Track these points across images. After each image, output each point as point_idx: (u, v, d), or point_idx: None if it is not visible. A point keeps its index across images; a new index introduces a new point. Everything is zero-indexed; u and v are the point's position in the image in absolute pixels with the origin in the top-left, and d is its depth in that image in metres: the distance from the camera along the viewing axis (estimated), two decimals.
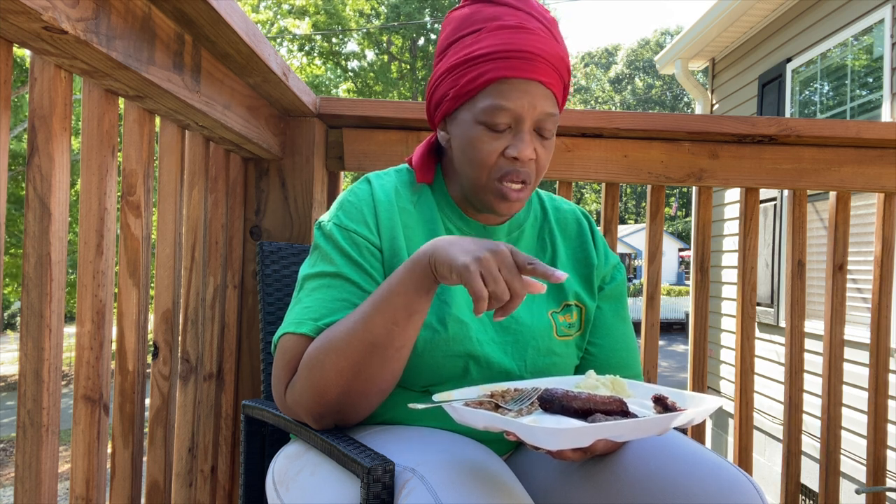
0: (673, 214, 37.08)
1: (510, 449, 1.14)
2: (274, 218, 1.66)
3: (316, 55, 19.51)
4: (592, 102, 45.17)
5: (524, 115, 1.02)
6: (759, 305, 5.61)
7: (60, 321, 0.98)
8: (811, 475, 4.57)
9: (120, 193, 1.17)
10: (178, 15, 1.04)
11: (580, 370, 1.18)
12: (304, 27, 18.29)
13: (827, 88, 5.09)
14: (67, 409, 7.46)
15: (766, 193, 5.32)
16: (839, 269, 1.87)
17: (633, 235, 34.11)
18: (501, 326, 1.10)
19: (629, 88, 46.03)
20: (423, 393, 1.07)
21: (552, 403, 0.88)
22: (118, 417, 1.20)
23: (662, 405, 0.90)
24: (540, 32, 1.03)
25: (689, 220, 35.44)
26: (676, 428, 0.88)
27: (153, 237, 1.25)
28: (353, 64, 20.86)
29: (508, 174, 1.03)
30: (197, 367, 1.49)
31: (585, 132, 1.76)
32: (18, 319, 3.20)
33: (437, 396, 0.91)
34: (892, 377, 3.50)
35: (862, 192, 1.85)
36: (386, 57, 21.14)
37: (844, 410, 1.97)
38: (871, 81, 4.55)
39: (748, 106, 6.05)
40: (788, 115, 5.46)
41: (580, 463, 1.01)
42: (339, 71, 20.42)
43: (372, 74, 20.32)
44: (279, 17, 18.49)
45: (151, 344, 1.34)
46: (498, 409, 0.89)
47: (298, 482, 1.02)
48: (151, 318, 1.34)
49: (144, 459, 1.30)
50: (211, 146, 1.50)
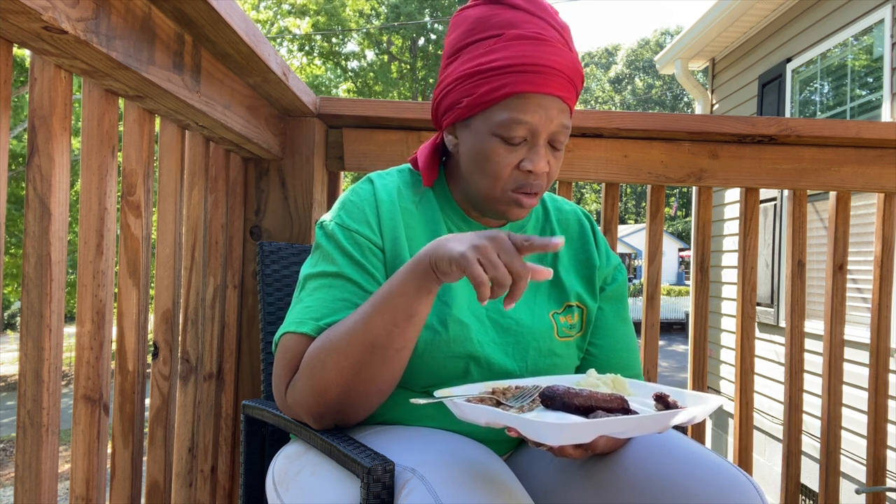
0: (673, 214, 37.08)
1: (510, 449, 1.14)
2: (274, 218, 1.66)
3: (316, 55, 19.51)
4: (592, 102, 45.17)
5: (540, 129, 1.01)
6: (759, 305, 5.61)
7: (60, 321, 0.98)
8: (811, 475, 4.57)
9: (120, 193, 1.17)
10: (178, 15, 1.04)
11: (581, 371, 1.18)
12: (304, 26, 18.29)
13: (827, 88, 5.09)
14: (67, 409, 7.46)
15: (766, 193, 5.32)
16: (839, 269, 1.87)
17: (633, 235, 34.11)
18: (502, 328, 1.10)
19: (629, 88, 46.04)
20: (423, 394, 1.07)
21: (554, 400, 0.88)
22: (118, 417, 1.20)
23: (664, 403, 0.90)
24: (557, 43, 1.02)
25: (689, 220, 35.45)
26: (676, 427, 0.88)
27: (153, 237, 1.25)
28: (353, 64, 20.87)
29: (522, 187, 1.04)
30: (197, 367, 1.49)
31: (585, 132, 1.76)
32: (18, 319, 3.20)
33: (438, 392, 0.91)
34: (892, 377, 3.50)
35: (862, 192, 1.85)
36: (386, 57, 21.15)
37: (844, 410, 1.97)
38: (871, 81, 4.55)
39: (748, 106, 6.05)
40: (788, 115, 5.46)
41: (580, 463, 1.01)
42: (339, 71, 20.43)
43: (372, 74, 20.33)
44: (279, 16, 18.50)
45: (151, 344, 1.34)
46: (499, 405, 0.89)
47: (298, 482, 1.02)
48: (151, 318, 1.34)
49: (144, 459, 1.30)
50: (211, 146, 1.50)
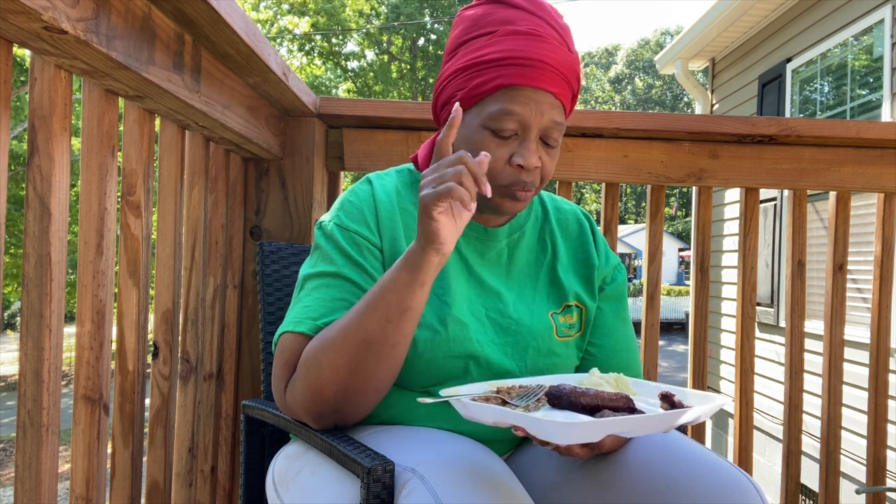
0: (673, 214, 37.09)
1: (510, 449, 1.14)
2: (274, 218, 1.66)
3: (316, 55, 19.51)
4: (592, 102, 45.17)
5: (531, 122, 1.02)
6: (759, 305, 5.61)
7: (60, 321, 0.98)
8: (811, 475, 4.57)
9: (120, 193, 1.17)
10: (178, 15, 1.04)
11: (580, 371, 1.18)
12: (303, 26, 18.28)
13: (827, 88, 5.09)
14: (67, 409, 7.46)
15: (766, 193, 5.32)
16: (839, 269, 1.87)
17: (633, 235, 34.11)
18: (501, 327, 1.10)
19: (629, 88, 46.03)
20: (423, 394, 1.07)
21: (560, 399, 0.88)
22: (118, 417, 1.20)
23: (669, 402, 0.90)
24: (553, 40, 1.02)
25: (689, 220, 35.45)
26: (676, 428, 0.88)
27: (153, 237, 1.25)
28: (352, 64, 20.87)
29: (514, 184, 1.03)
30: (197, 367, 1.49)
31: (585, 132, 1.76)
32: (18, 319, 3.20)
33: (444, 392, 0.91)
34: (892, 377, 3.50)
35: (862, 192, 1.85)
36: (386, 57, 21.14)
37: (844, 410, 1.97)
38: (871, 81, 4.55)
39: (748, 106, 6.05)
40: (788, 115, 5.45)
41: (580, 463, 1.01)
42: (339, 71, 20.42)
43: (372, 74, 20.32)
44: (279, 16, 18.50)
45: (151, 344, 1.34)
46: (505, 404, 0.89)
47: (298, 482, 1.02)
48: (151, 318, 1.34)
49: (144, 459, 1.30)
50: (211, 146, 1.50)
